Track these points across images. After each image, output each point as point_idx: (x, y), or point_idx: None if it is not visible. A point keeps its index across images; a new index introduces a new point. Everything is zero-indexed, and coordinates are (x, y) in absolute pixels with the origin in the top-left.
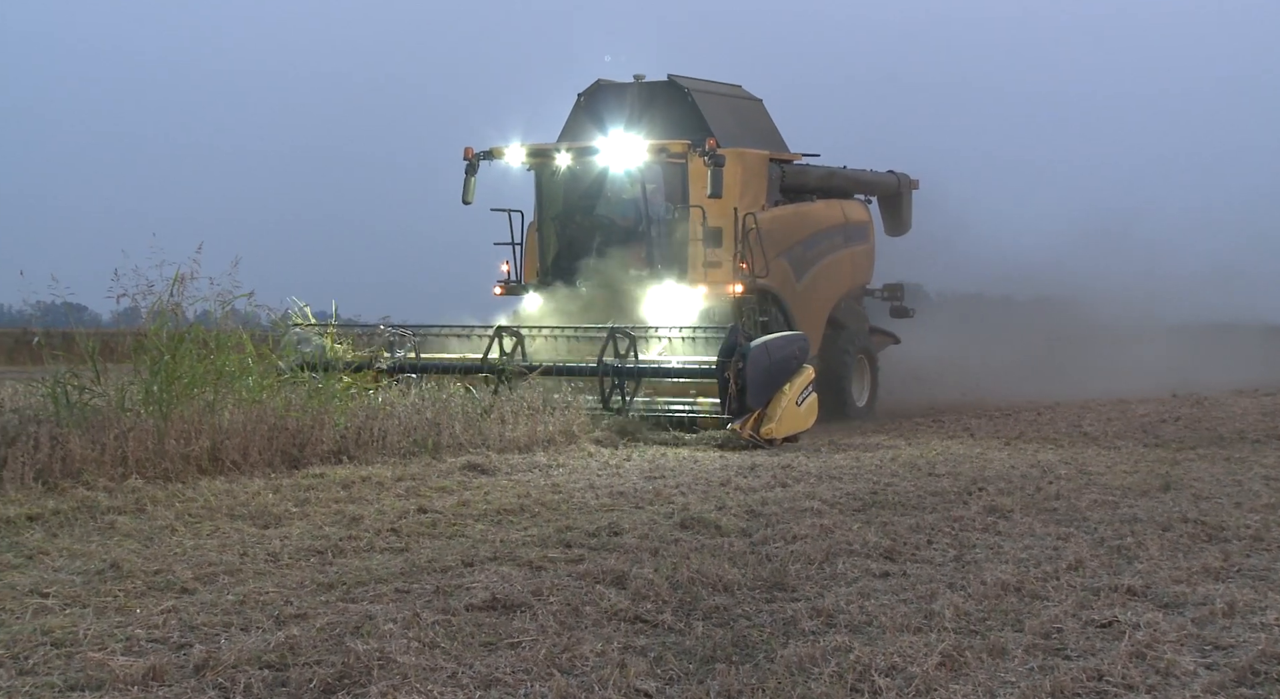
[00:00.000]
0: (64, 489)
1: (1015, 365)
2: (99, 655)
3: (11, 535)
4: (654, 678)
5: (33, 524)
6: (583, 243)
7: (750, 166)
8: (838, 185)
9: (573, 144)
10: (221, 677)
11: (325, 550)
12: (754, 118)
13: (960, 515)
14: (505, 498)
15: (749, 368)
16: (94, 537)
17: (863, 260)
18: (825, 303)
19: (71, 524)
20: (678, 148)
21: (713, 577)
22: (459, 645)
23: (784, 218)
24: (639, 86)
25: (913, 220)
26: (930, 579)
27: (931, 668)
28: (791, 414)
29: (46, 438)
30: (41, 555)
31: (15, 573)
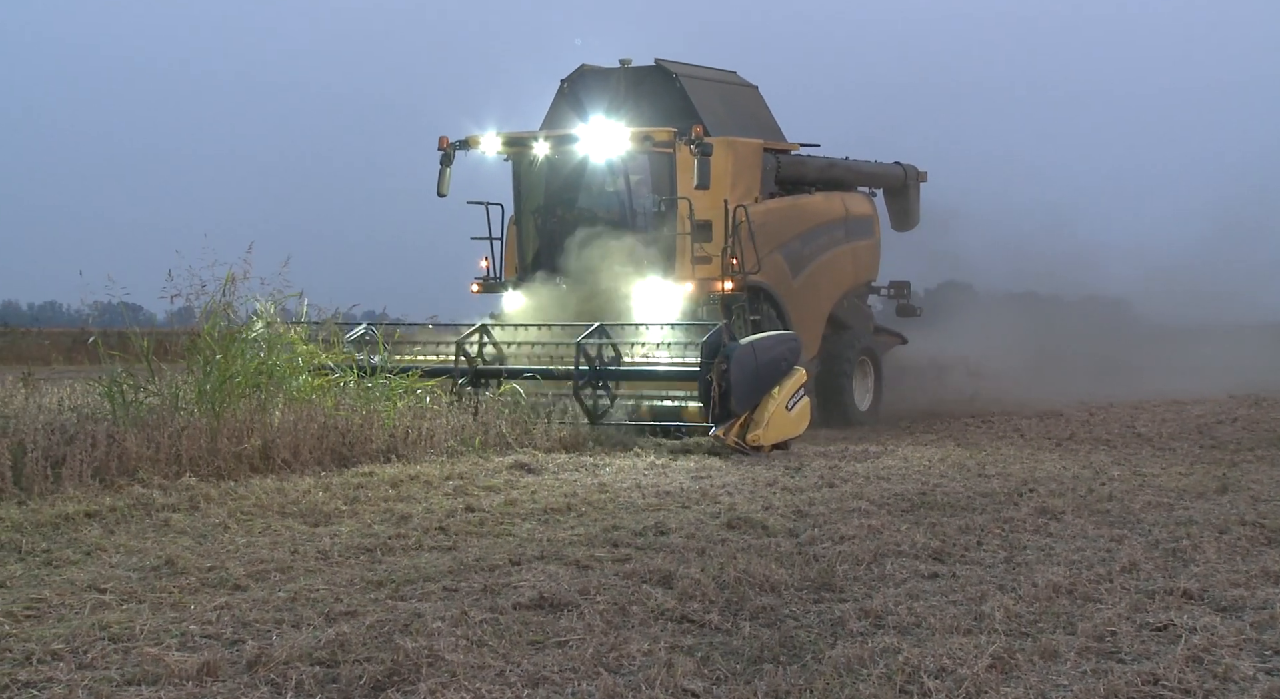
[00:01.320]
0: (120, 486)
1: (1065, 365)
2: (155, 651)
3: (70, 532)
4: (701, 678)
5: (91, 521)
6: (564, 237)
7: (742, 156)
8: (839, 177)
9: (551, 132)
10: (273, 673)
11: (374, 548)
12: (748, 105)
13: (1010, 516)
14: (552, 497)
15: (733, 370)
16: (149, 533)
17: (866, 256)
18: (825, 301)
19: (128, 521)
20: (663, 136)
21: (760, 577)
22: (506, 644)
23: (779, 211)
24: (625, 72)
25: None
26: (980, 581)
27: (981, 670)
28: (781, 419)
29: (103, 436)
30: (99, 551)
31: (74, 568)
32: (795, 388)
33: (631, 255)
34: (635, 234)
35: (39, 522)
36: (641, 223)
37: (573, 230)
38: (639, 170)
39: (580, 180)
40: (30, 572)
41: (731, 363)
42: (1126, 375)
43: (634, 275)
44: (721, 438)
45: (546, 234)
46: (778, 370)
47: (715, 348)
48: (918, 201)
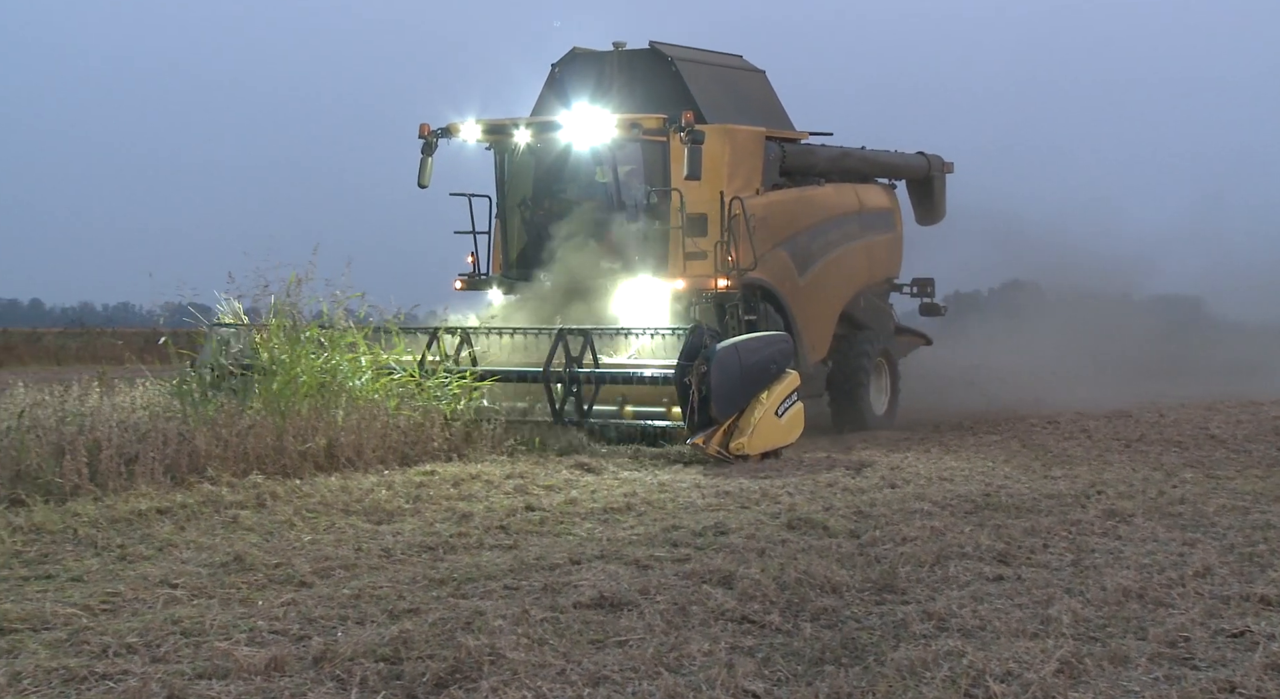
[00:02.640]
0: (191, 484)
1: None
2: (225, 645)
3: (143, 527)
4: (762, 679)
5: (162, 517)
6: (549, 232)
7: (741, 145)
8: (853, 167)
9: (533, 119)
10: (339, 669)
11: (437, 547)
12: (753, 91)
13: (1078, 519)
14: (612, 496)
15: (714, 373)
16: (218, 530)
17: (883, 252)
18: (836, 300)
19: (198, 518)
20: (652, 123)
21: (821, 578)
22: (567, 643)
23: (783, 203)
24: (618, 55)
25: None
26: (1046, 584)
27: (1049, 675)
28: (769, 427)
29: (174, 435)
30: (171, 547)
31: (147, 564)
32: (787, 392)
33: (620, 251)
34: (624, 228)
35: (114, 517)
36: (631, 216)
37: (558, 224)
38: (630, 160)
39: (566, 171)
40: (106, 566)
41: (712, 366)
42: (1199, 376)
43: (622, 272)
44: (701, 447)
45: (531, 228)
46: (766, 374)
47: (695, 350)
48: (943, 194)
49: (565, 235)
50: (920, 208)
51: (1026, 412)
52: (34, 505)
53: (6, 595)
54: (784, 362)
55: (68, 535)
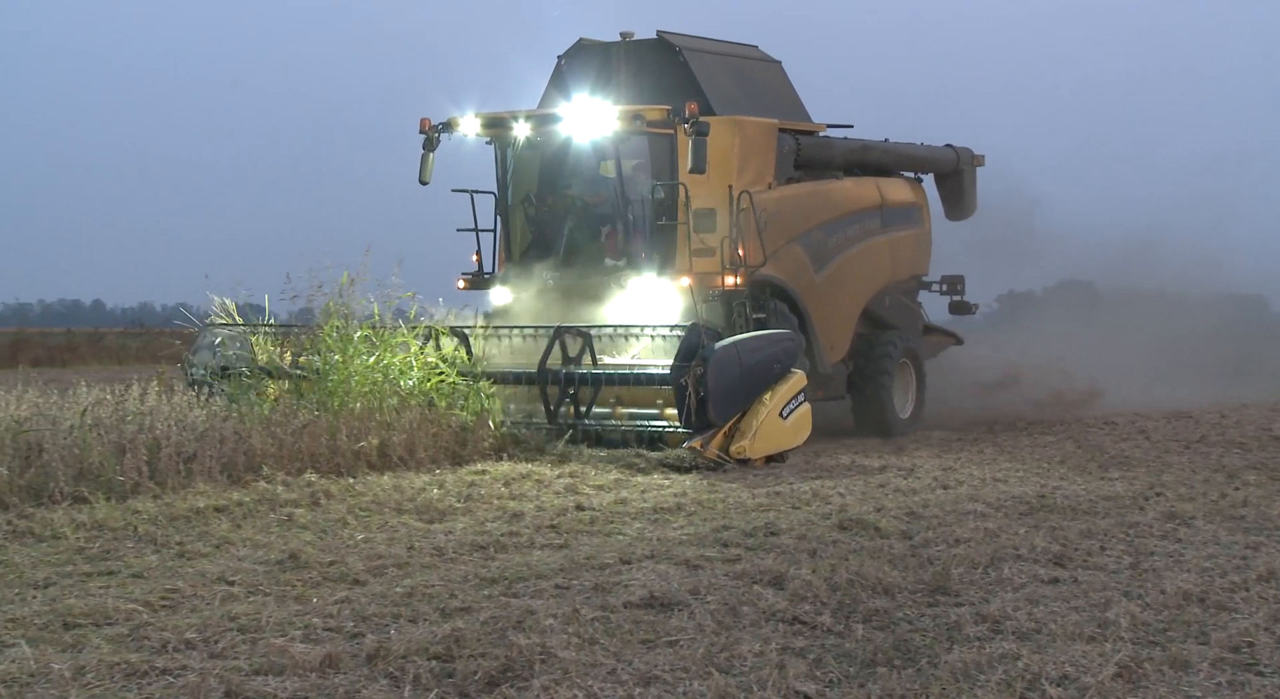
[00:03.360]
0: (246, 482)
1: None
2: (280, 642)
3: (201, 525)
4: (813, 680)
5: (219, 515)
6: (552, 228)
7: (751, 137)
8: (874, 161)
9: (532, 111)
10: (392, 666)
11: (488, 545)
12: (767, 82)
13: (1136, 521)
14: (661, 496)
15: (711, 374)
16: (274, 528)
17: (908, 248)
18: (856, 297)
19: (253, 516)
20: (655, 114)
21: (872, 579)
22: (618, 642)
23: (797, 198)
24: (625, 46)
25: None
26: (1104, 587)
27: (1107, 679)
28: (773, 429)
29: (231, 434)
30: (228, 545)
31: (204, 561)
32: (792, 393)
33: (625, 248)
34: (629, 224)
35: (173, 515)
36: (636, 212)
37: (562, 221)
38: (636, 154)
39: (571, 166)
40: (165, 563)
41: (709, 366)
42: (1262, 376)
43: (628, 270)
44: (699, 450)
45: (535, 225)
46: (769, 374)
47: (692, 350)
48: (974, 188)
49: (569, 232)
50: (949, 202)
51: (1081, 413)
52: (96, 503)
53: (71, 591)
54: (789, 361)
55: (128, 532)
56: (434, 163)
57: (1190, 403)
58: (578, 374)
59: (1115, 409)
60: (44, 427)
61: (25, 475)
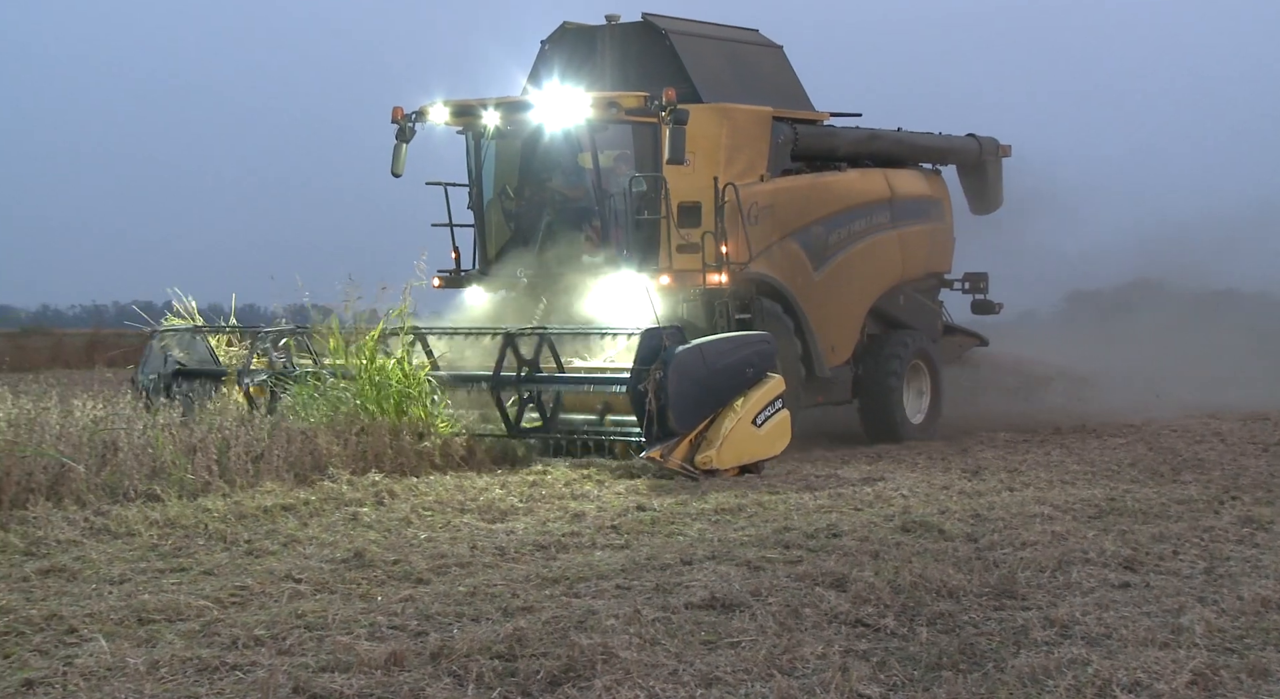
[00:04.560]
0: (313, 481)
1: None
2: (346, 639)
3: (269, 523)
4: (877, 683)
5: (287, 513)
6: (531, 223)
7: (740, 126)
8: (884, 151)
9: (502, 99)
10: (456, 664)
11: (549, 545)
12: (764, 68)
13: (1210, 525)
14: (722, 497)
15: (671, 379)
16: (339, 527)
17: (923, 243)
18: (861, 296)
19: (320, 514)
20: (631, 101)
21: (937, 582)
22: (679, 643)
23: (794, 191)
24: (610, 29)
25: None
26: (1177, 592)
27: (1181, 686)
28: (745, 438)
29: (297, 433)
30: (295, 543)
31: (272, 559)
32: (768, 399)
33: (604, 244)
34: (608, 219)
35: (241, 513)
36: (616, 205)
37: (540, 215)
38: (619, 144)
39: (550, 157)
40: (234, 561)
41: (669, 370)
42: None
43: (605, 267)
44: (659, 460)
45: (510, 219)
46: (740, 379)
47: (652, 353)
48: (999, 180)
49: (546, 227)
50: (973, 196)
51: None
52: (168, 500)
53: (145, 587)
54: (763, 364)
55: (199, 530)
56: (407, 154)
57: (1267, 405)
58: (524, 378)
59: (1188, 411)
60: (119, 426)
61: (102, 473)
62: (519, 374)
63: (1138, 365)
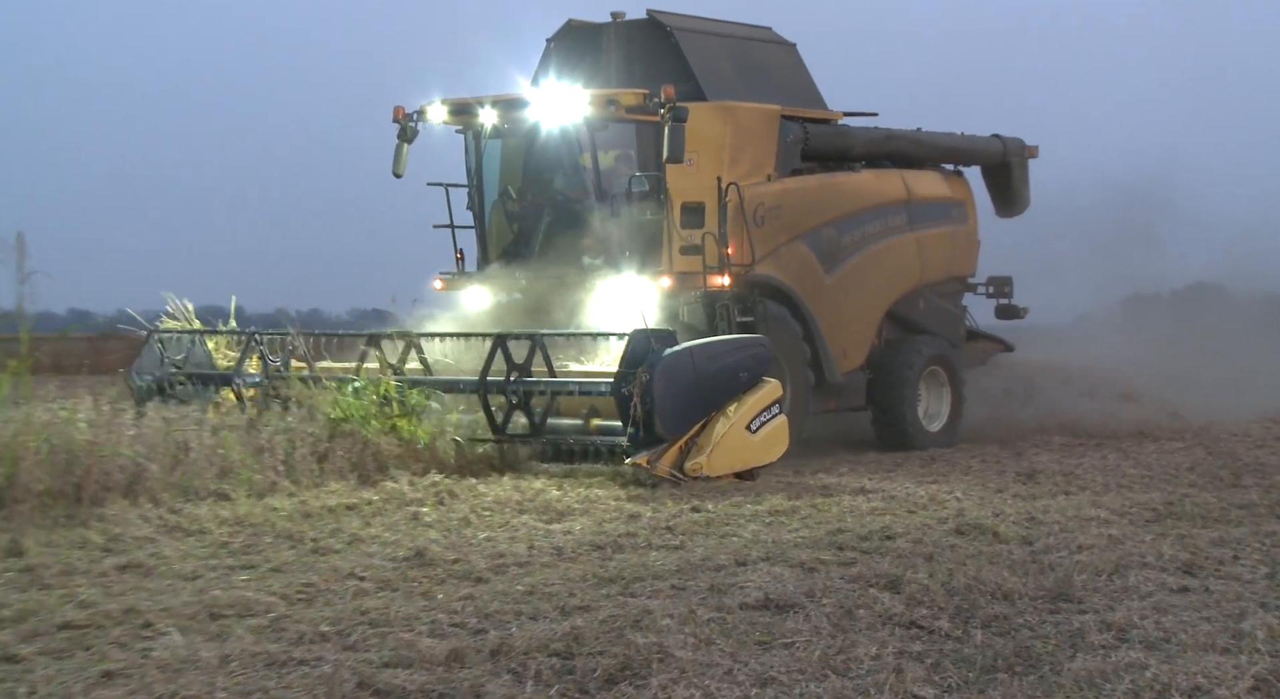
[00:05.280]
0: (375, 481)
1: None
2: (408, 636)
3: (333, 522)
4: (932, 685)
5: (350, 513)
6: (532, 224)
7: (745, 125)
8: (902, 151)
9: (499, 96)
10: (514, 662)
11: (605, 546)
12: (775, 66)
13: (1273, 530)
14: (776, 499)
15: (658, 383)
16: (401, 526)
17: (943, 246)
18: (876, 300)
19: (382, 514)
20: (631, 99)
21: (991, 584)
22: (734, 643)
23: (803, 191)
24: (616, 27)
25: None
26: (1238, 597)
27: (1243, 692)
28: (738, 444)
29: (360, 435)
30: (358, 542)
31: (337, 557)
32: (764, 405)
33: (605, 245)
34: (608, 219)
35: (307, 512)
36: (615, 205)
37: (541, 216)
38: (623, 143)
39: (551, 156)
40: (301, 558)
41: (655, 375)
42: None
43: (604, 269)
44: (645, 467)
45: (512, 220)
46: (733, 383)
47: (639, 357)
48: (1025, 181)
49: (547, 228)
50: (998, 197)
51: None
52: (238, 500)
53: (216, 583)
54: (759, 368)
55: (267, 528)
56: (408, 154)
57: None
58: (511, 384)
59: (1250, 416)
60: (190, 427)
61: (174, 473)
62: (506, 378)
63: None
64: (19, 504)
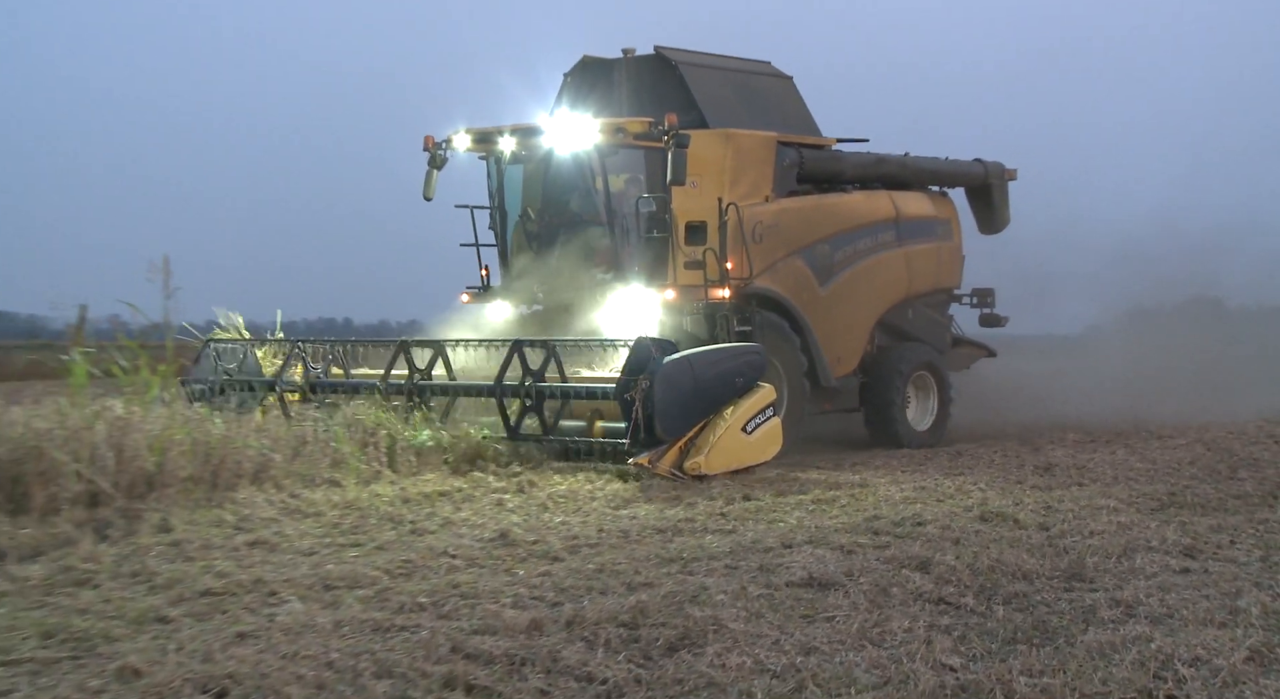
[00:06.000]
0: (464, 472)
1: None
2: (494, 607)
3: (429, 507)
4: (958, 654)
5: (443, 499)
6: (549, 242)
7: (744, 150)
8: (891, 174)
9: (517, 125)
10: (586, 631)
11: (666, 529)
12: (773, 97)
13: (1266, 518)
14: (818, 490)
15: (658, 388)
16: (487, 511)
17: (929, 261)
18: (868, 311)
19: (471, 500)
20: (637, 126)
21: (1012, 565)
22: (781, 616)
23: (799, 211)
24: (627, 62)
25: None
26: (1234, 577)
27: (1239, 661)
28: (734, 444)
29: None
30: (450, 524)
31: (432, 537)
32: (758, 408)
33: (614, 261)
34: (618, 237)
35: (406, 498)
36: (624, 224)
37: (557, 235)
38: (631, 167)
39: (567, 180)
40: (401, 538)
41: (656, 380)
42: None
43: (615, 282)
44: (646, 466)
45: (531, 239)
46: (729, 388)
47: (641, 364)
48: (1005, 202)
49: (563, 245)
50: (981, 216)
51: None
52: (347, 486)
53: (329, 558)
54: (753, 374)
55: (372, 512)
56: (437, 179)
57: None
58: (521, 387)
59: (1245, 416)
60: (308, 423)
61: (294, 463)
62: (521, 382)
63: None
64: (167, 488)
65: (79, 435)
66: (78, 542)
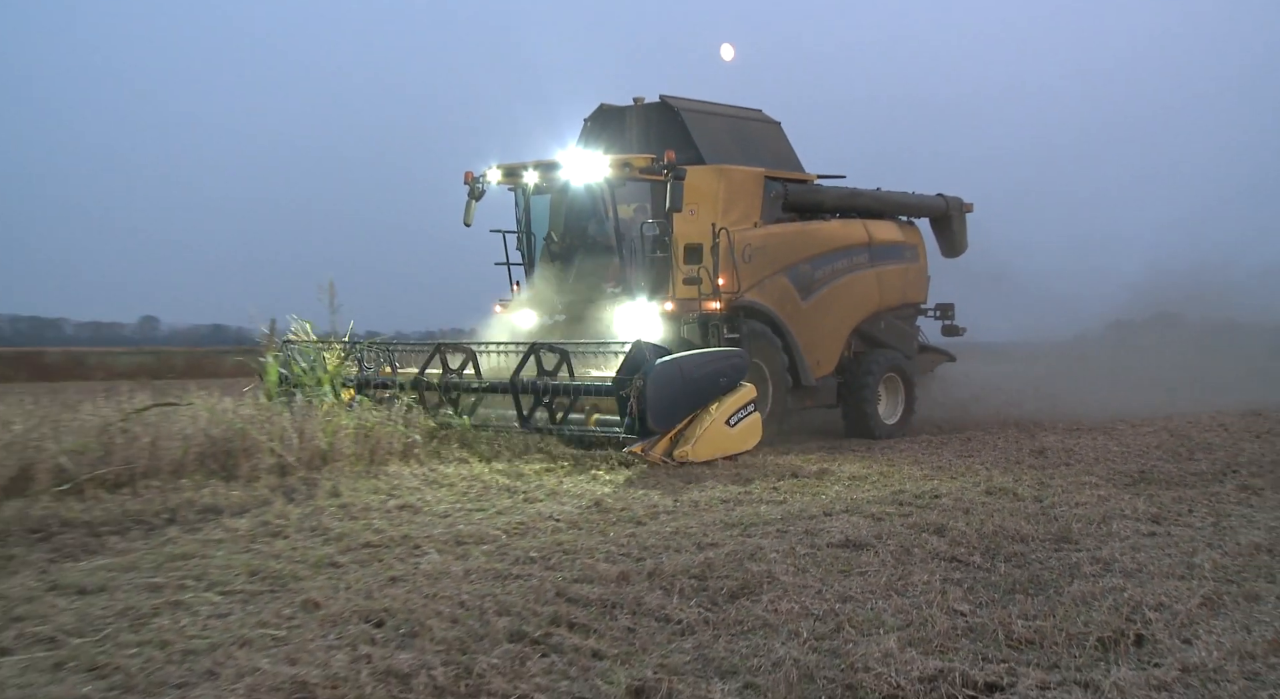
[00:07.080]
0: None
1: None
2: (590, 562)
3: (537, 481)
4: (968, 602)
5: (549, 474)
6: (568, 261)
7: (736, 183)
8: (865, 205)
9: (539, 161)
10: (664, 582)
11: (729, 500)
12: (762, 139)
13: (1217, 491)
14: (854, 469)
15: (650, 387)
16: (585, 484)
17: (898, 279)
18: (844, 322)
19: (572, 475)
20: (641, 161)
21: (1012, 530)
22: (823, 571)
23: (784, 235)
24: (637, 109)
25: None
26: (1191, 539)
27: (1194, 607)
28: (718, 436)
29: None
30: (555, 495)
31: (539, 504)
32: (740, 404)
33: (622, 278)
34: (626, 257)
35: (518, 474)
36: (635, 246)
37: (574, 255)
38: (640, 197)
39: (586, 208)
40: (515, 505)
41: (649, 380)
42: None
43: (623, 296)
44: (640, 454)
45: (553, 258)
46: (714, 387)
47: (636, 364)
48: (963, 230)
49: (579, 264)
50: (943, 242)
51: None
52: (473, 463)
53: (460, 520)
54: (736, 375)
55: (493, 484)
56: (475, 208)
57: (1261, 404)
58: (531, 383)
59: (1200, 409)
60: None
61: (431, 444)
62: (533, 380)
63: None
64: (336, 462)
65: (272, 420)
66: (272, 502)
